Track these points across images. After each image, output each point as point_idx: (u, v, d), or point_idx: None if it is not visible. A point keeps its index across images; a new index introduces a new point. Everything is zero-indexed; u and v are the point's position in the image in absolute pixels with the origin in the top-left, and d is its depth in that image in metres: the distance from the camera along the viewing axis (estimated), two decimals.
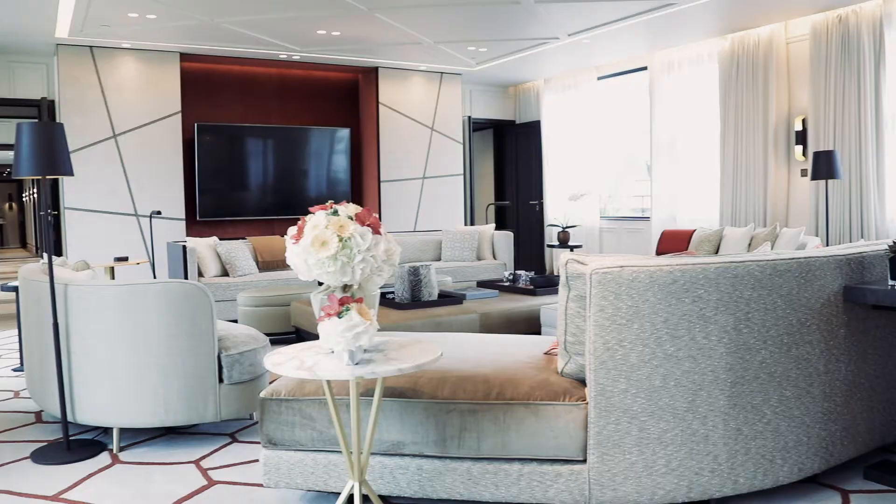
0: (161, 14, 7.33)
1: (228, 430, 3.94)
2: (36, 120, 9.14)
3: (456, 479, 2.77)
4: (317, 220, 2.27)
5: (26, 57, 8.87)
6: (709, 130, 8.80)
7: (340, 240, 2.25)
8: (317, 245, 2.23)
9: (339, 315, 2.21)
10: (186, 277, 7.16)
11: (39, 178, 3.58)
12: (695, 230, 7.80)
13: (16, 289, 5.44)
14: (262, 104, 9.78)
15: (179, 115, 8.88)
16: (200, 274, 7.32)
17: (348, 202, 2.35)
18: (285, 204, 9.69)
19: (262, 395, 2.88)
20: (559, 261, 2.83)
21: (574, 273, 2.74)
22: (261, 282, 7.28)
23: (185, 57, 8.96)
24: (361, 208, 2.37)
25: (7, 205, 29.55)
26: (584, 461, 2.70)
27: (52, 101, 8.80)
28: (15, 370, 5.60)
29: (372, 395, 2.54)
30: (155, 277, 8.36)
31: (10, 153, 17.69)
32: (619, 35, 8.45)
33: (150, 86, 8.76)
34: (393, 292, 5.69)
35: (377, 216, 2.40)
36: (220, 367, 3.65)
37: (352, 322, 2.19)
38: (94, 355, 3.57)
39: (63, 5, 7.03)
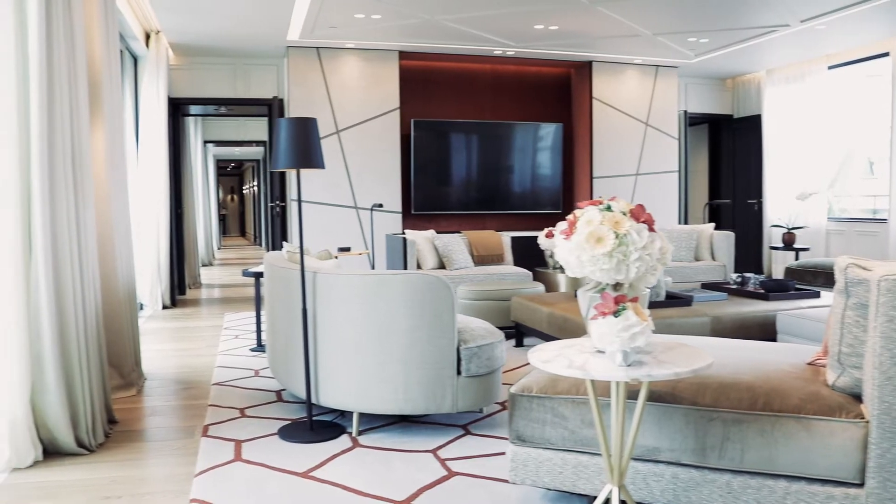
0: (385, 14, 7.57)
1: (460, 422, 3.97)
2: (266, 118, 9.76)
3: (714, 491, 2.61)
4: (591, 216, 2.20)
5: (259, 60, 9.48)
6: None
7: (616, 236, 2.17)
8: (591, 241, 2.16)
9: (614, 314, 2.13)
10: (405, 269, 7.36)
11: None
12: None
13: (255, 274, 5.81)
14: (475, 100, 9.88)
15: (398, 111, 9.16)
16: (418, 266, 7.51)
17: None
18: (495, 199, 9.74)
19: (512, 390, 2.86)
20: (837, 265, 2.59)
21: (855, 279, 2.50)
22: (476, 276, 7.35)
23: (403, 55, 9.22)
24: (633, 205, 2.28)
25: (229, 196, 31.95)
26: (862, 485, 2.46)
27: (282, 100, 9.34)
28: (252, 350, 5.97)
29: (630, 398, 2.44)
30: (373, 268, 8.68)
31: (236, 149, 19.12)
32: (856, 19, 7.79)
33: (371, 84, 9.10)
34: None
35: (650, 213, 2.29)
36: (459, 360, 3.68)
37: (628, 322, 2.10)
38: (340, 342, 3.71)
39: (297, 11, 7.45)
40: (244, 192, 30.62)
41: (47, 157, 3.45)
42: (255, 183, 23.86)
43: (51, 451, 3.57)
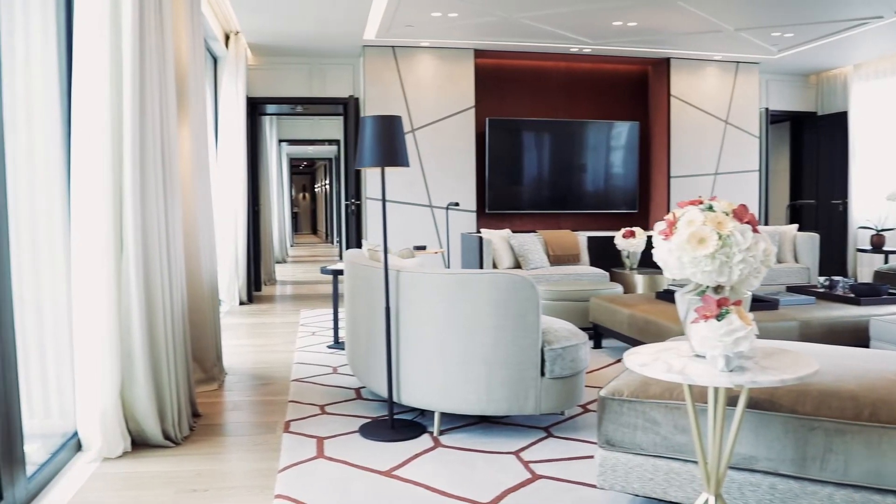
0: (462, 12, 7.54)
1: (542, 424, 3.92)
2: (341, 116, 9.84)
3: (814, 503, 2.50)
4: (692, 216, 2.12)
5: (335, 59, 9.57)
6: None
7: (720, 237, 2.09)
8: (693, 242, 2.09)
9: (717, 318, 2.05)
10: (481, 268, 7.33)
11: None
12: None
13: (334, 272, 5.84)
14: (550, 98, 9.78)
15: (473, 110, 9.13)
16: (494, 265, 7.46)
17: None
18: (568, 198, 9.63)
19: (602, 393, 2.79)
20: None
21: None
22: (552, 276, 7.27)
23: (478, 53, 9.19)
24: (736, 204, 2.19)
25: (301, 195, 32.43)
26: None
27: (357, 99, 9.40)
28: (329, 347, 6.02)
29: (727, 404, 2.35)
30: (448, 267, 8.67)
31: (309, 148, 19.38)
32: None
33: (446, 82, 9.08)
34: None
35: (753, 213, 2.19)
36: (542, 361, 3.62)
37: (732, 326, 2.02)
38: (423, 341, 3.69)
39: (374, 10, 7.49)
40: (316, 190, 31.03)
41: (139, 156, 3.52)
42: (327, 181, 24.15)
43: (138, 443, 3.64)
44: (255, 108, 9.71)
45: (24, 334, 3.16)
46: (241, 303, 8.66)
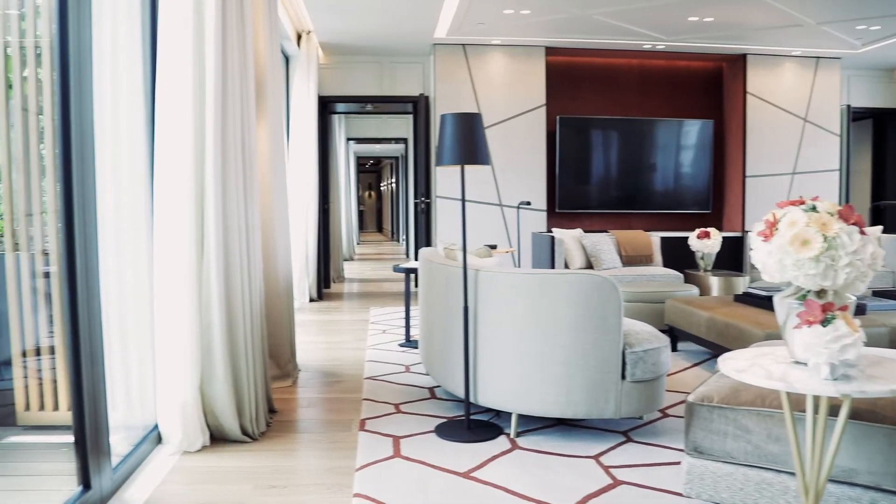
0: (535, 9, 7.46)
1: (620, 428, 3.83)
2: (411, 114, 9.84)
3: None
4: (795, 217, 2.03)
5: (405, 57, 9.58)
6: None
7: (825, 239, 1.99)
8: (796, 244, 1.99)
9: (822, 323, 1.95)
10: (553, 268, 7.24)
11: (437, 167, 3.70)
12: None
13: (406, 270, 5.84)
14: (621, 96, 9.62)
15: (544, 108, 9.04)
16: (566, 265, 7.37)
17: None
18: (640, 198, 9.45)
19: (690, 399, 2.71)
20: None
21: None
22: (625, 276, 7.14)
23: (549, 51, 9.09)
24: (841, 205, 2.09)
25: (367, 193, 32.68)
26: None
27: (427, 97, 9.40)
28: (401, 345, 6.01)
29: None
30: (518, 267, 8.60)
31: (376, 146, 19.51)
32: None
33: (517, 80, 9.01)
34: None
35: (860, 214, 2.09)
36: (623, 364, 3.54)
37: (838, 332, 1.93)
38: (501, 341, 3.65)
39: (445, 8, 7.47)
40: (381, 188, 31.23)
41: (220, 154, 3.55)
42: (393, 179, 24.28)
43: (217, 438, 3.68)
44: (326, 106, 9.79)
45: (108, 328, 3.21)
46: (311, 300, 8.74)
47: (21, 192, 3.95)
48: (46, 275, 3.87)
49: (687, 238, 8.20)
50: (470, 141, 3.56)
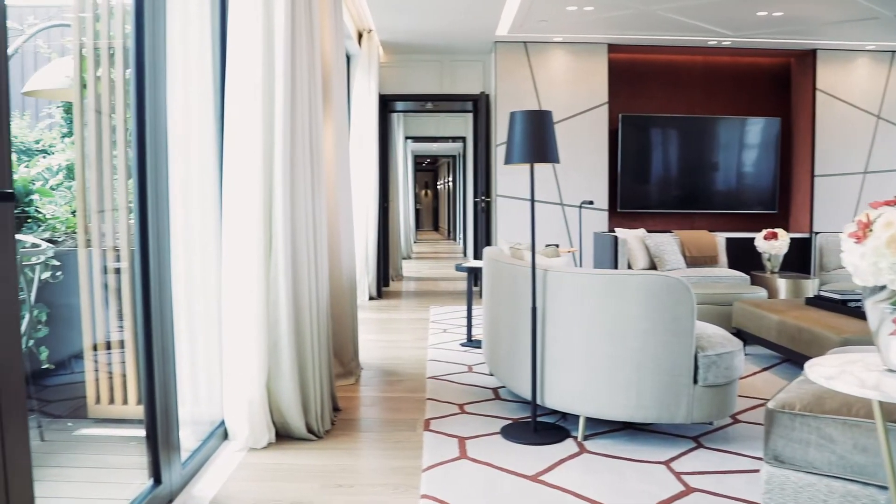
0: (598, 5, 7.36)
1: (689, 434, 3.74)
2: (470, 113, 9.80)
3: None
4: (891, 217, 1.93)
5: (466, 55, 9.56)
6: None
7: None
8: (893, 247, 1.90)
9: None
10: (615, 268, 7.13)
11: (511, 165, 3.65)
12: None
13: (469, 269, 5.80)
14: (684, 94, 9.44)
15: (606, 106, 8.92)
16: (629, 266, 7.26)
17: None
18: (704, 197, 9.25)
19: (770, 405, 2.61)
20: None
21: None
22: (689, 278, 6.99)
23: (612, 48, 8.97)
24: None
25: (423, 192, 32.75)
26: None
27: (488, 96, 9.35)
28: (462, 345, 5.98)
29: None
30: (580, 266, 8.50)
31: (433, 145, 19.53)
32: None
33: (579, 78, 8.91)
34: (858, 299, 5.06)
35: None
36: (696, 368, 3.45)
37: None
38: (569, 342, 3.58)
39: (508, 6, 7.41)
40: (438, 186, 31.27)
41: (289, 153, 3.56)
42: (450, 178, 24.28)
43: (282, 435, 3.69)
44: (386, 105, 9.81)
45: (176, 324, 3.25)
46: (371, 298, 8.77)
47: (93, 190, 4.03)
48: (117, 271, 3.93)
49: (752, 239, 8.00)
50: (540, 139, 3.50)
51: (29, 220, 5.09)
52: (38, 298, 4.22)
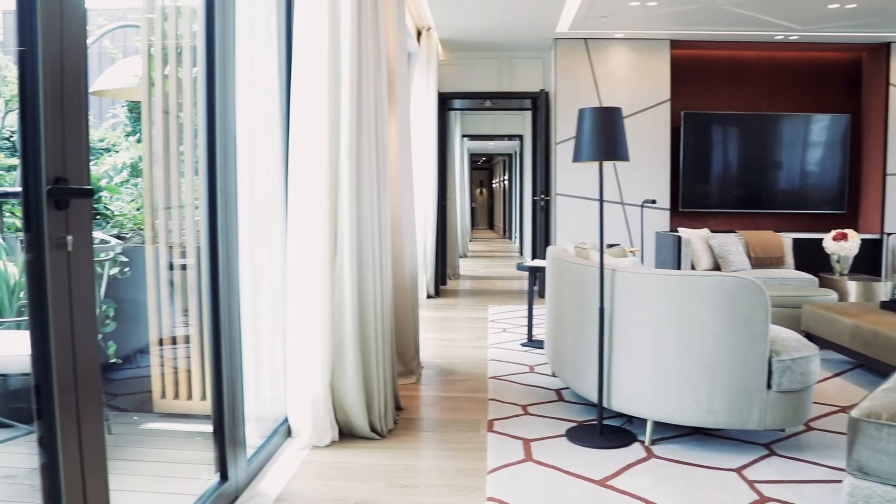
0: (661, 0, 7.23)
1: (761, 440, 3.62)
2: (528, 111, 9.72)
3: None
4: None
5: (525, 53, 9.48)
6: None
7: None
8: None
9: None
10: (678, 269, 7.00)
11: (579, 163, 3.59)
12: None
13: (530, 269, 5.74)
14: (749, 90, 9.21)
15: (668, 103, 8.75)
16: (692, 266, 7.11)
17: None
18: (768, 196, 9.01)
19: (853, 414, 2.51)
20: None
21: None
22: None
23: (674, 44, 8.80)
24: None
25: (479, 190, 32.70)
26: None
27: (548, 93, 9.26)
28: (523, 345, 5.92)
29: None
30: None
31: (489, 143, 19.48)
32: None
33: (640, 75, 8.77)
34: None
35: None
36: (770, 373, 3.34)
37: None
38: (637, 344, 3.51)
39: (569, 2, 7.32)
40: (493, 185, 31.20)
41: (356, 151, 3.56)
42: (506, 176, 24.18)
43: (345, 433, 3.69)
44: (444, 103, 9.79)
45: (242, 321, 3.26)
46: (429, 296, 8.76)
47: (160, 187, 4.08)
48: (183, 267, 3.98)
49: (819, 240, 7.78)
50: (610, 136, 3.43)
51: (98, 217, 5.18)
52: (107, 294, 4.30)
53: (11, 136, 5.68)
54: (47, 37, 1.69)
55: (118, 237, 5.18)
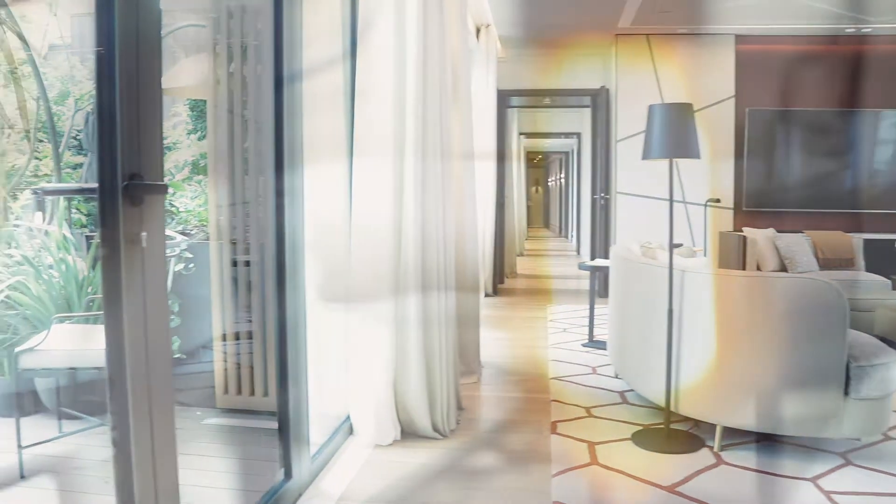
0: None
1: (835, 449, 3.49)
2: (587, 108, 9.60)
3: None
4: None
5: (584, 49, 9.35)
6: None
7: None
8: None
9: None
10: (743, 270, 6.83)
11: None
12: None
13: (593, 268, 5.67)
14: (816, 86, 8.93)
15: (732, 100, 8.56)
16: (757, 267, 6.94)
17: None
18: (836, 195, 8.72)
19: None
20: None
21: None
22: None
23: (739, 38, 8.60)
24: None
25: (534, 188, 32.51)
26: None
27: (608, 90, 9.13)
28: (584, 345, 5.84)
29: None
30: None
31: (545, 141, 19.35)
32: None
33: (704, 71, 8.58)
34: None
35: None
36: (847, 379, 3.22)
37: None
38: (706, 347, 3.41)
39: None
40: (549, 183, 30.99)
41: (420, 150, 3.54)
42: (562, 174, 23.99)
43: (407, 433, 3.68)
44: (503, 100, 9.72)
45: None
46: (487, 295, 8.72)
47: (224, 185, 4.12)
48: (246, 263, 4.01)
49: (892, 240, 7.53)
50: (681, 133, 3.35)
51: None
52: (171, 290, 4.36)
53: (78, 135, 5.80)
54: (124, 37, 1.70)
55: (183, 233, 5.26)
